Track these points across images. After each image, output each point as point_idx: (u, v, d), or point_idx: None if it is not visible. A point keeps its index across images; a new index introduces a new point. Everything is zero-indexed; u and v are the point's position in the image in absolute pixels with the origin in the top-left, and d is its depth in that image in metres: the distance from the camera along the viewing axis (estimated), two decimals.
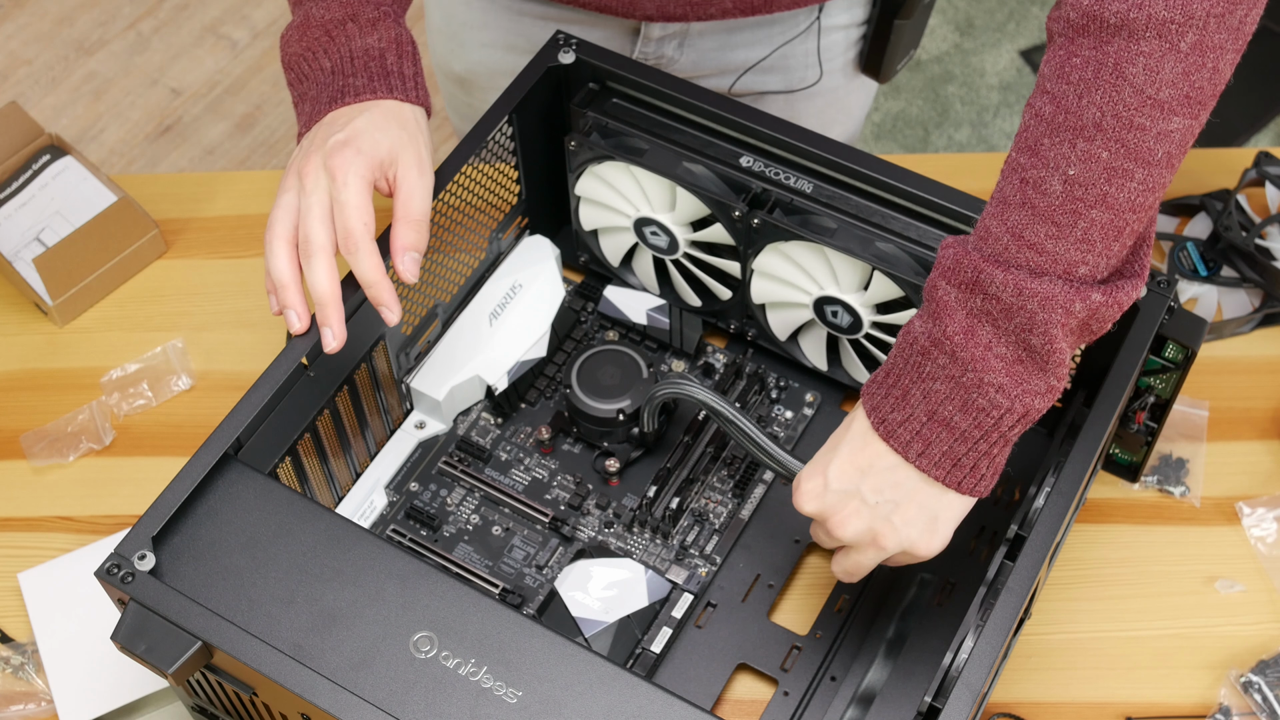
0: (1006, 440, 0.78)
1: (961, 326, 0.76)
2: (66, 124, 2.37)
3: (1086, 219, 0.74)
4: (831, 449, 0.82)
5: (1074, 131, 0.73)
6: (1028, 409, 0.76)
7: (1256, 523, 1.01)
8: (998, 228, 0.76)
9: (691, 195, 0.98)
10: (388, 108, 0.90)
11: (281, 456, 0.91)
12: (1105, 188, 0.73)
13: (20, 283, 1.15)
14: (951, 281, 0.76)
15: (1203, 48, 0.72)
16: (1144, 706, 0.94)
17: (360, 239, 0.86)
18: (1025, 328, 0.75)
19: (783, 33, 1.13)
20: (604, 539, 0.98)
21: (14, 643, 0.99)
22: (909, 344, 0.78)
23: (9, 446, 1.08)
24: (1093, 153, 0.73)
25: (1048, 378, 0.76)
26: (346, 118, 0.89)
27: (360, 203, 0.86)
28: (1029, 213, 0.75)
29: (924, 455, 0.78)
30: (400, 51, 0.92)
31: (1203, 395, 1.07)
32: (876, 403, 0.80)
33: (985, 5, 2.51)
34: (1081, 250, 0.74)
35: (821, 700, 0.90)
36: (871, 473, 0.79)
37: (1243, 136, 2.27)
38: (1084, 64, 0.73)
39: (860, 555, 0.82)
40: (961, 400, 0.76)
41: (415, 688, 0.77)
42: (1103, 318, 0.76)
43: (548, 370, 1.05)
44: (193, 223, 1.21)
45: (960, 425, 0.77)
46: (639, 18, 1.09)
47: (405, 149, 0.89)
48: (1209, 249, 1.14)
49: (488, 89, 1.21)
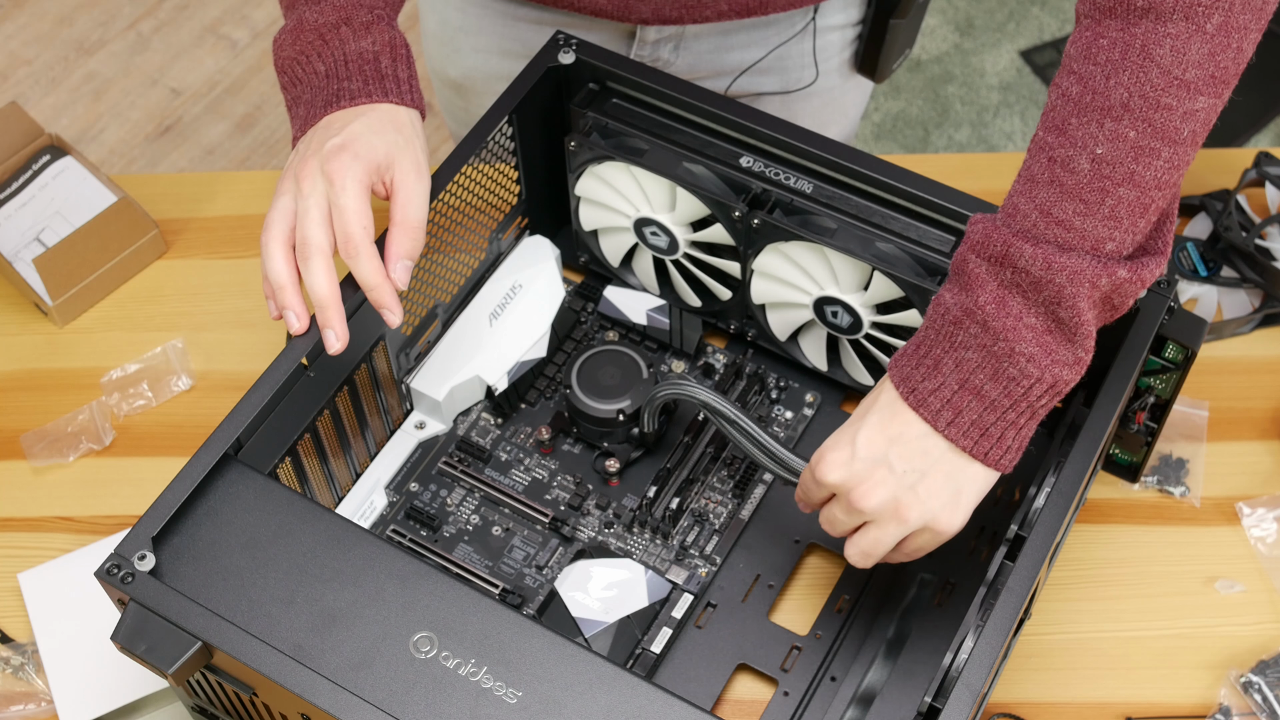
0: (1034, 411, 0.79)
1: (993, 297, 0.77)
2: (66, 124, 2.37)
3: (1114, 196, 0.75)
4: (858, 419, 0.82)
5: (1102, 111, 0.75)
6: (1056, 379, 0.78)
7: (1256, 523, 1.01)
8: (1026, 205, 0.77)
9: (691, 195, 0.98)
10: (383, 111, 0.90)
11: (281, 457, 0.91)
12: (1133, 166, 0.75)
13: (20, 283, 1.15)
14: (981, 255, 0.78)
15: (1228, 29, 0.73)
16: (1144, 706, 0.94)
17: (360, 243, 0.86)
18: (1054, 301, 0.76)
19: (778, 34, 1.13)
20: (604, 539, 0.98)
21: (14, 643, 0.99)
22: (940, 315, 0.79)
23: (9, 446, 1.08)
24: (1120, 132, 0.74)
25: (1075, 349, 0.78)
26: (342, 122, 0.88)
27: (359, 207, 0.86)
28: (1057, 190, 0.76)
29: (953, 424, 0.78)
30: (394, 55, 0.92)
31: (1203, 395, 1.07)
32: (907, 373, 0.80)
33: (985, 5, 2.51)
34: (1109, 227, 0.76)
35: (821, 700, 0.90)
36: (900, 441, 0.80)
37: (1243, 136, 2.27)
38: (1111, 45, 0.74)
39: (880, 530, 0.81)
40: (993, 369, 0.78)
41: (415, 688, 0.77)
42: (1126, 293, 0.78)
43: (548, 370, 1.05)
44: (193, 223, 1.21)
45: (990, 394, 0.78)
46: (634, 21, 1.09)
47: (402, 153, 0.89)
48: (1209, 249, 1.14)
49: (483, 94, 1.21)
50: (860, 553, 0.83)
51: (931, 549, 0.83)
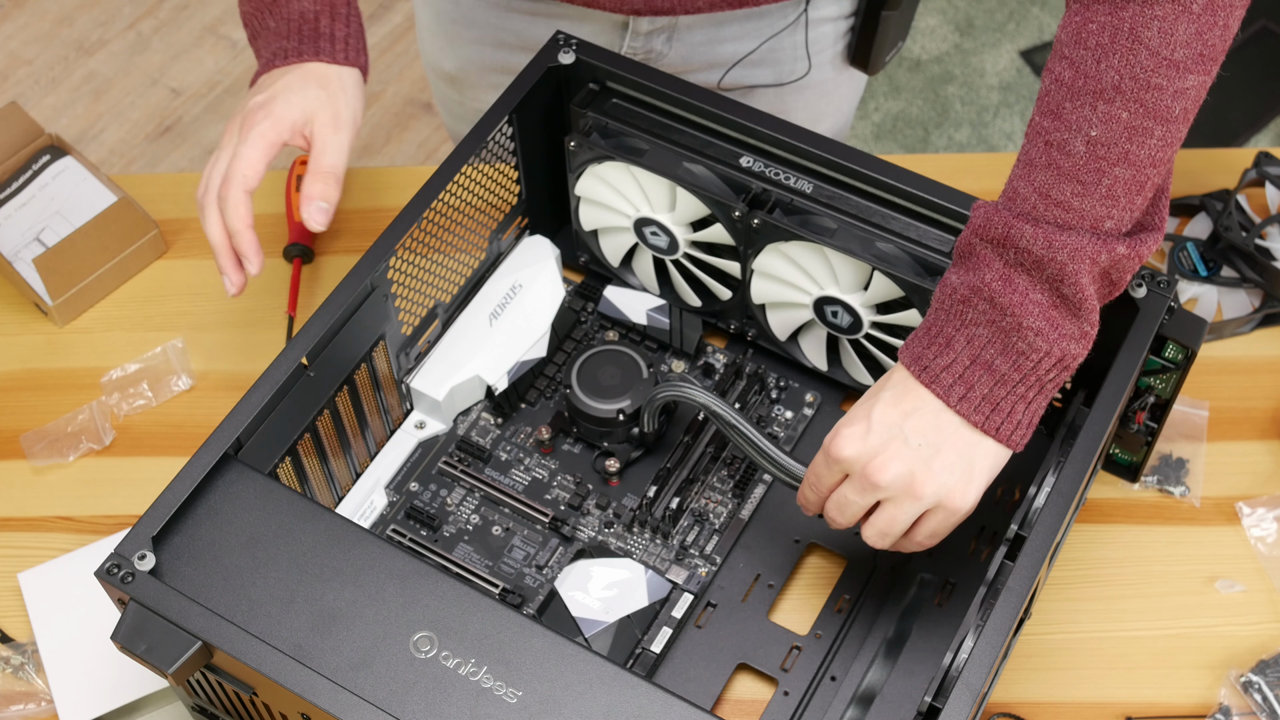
0: (1043, 386, 0.80)
1: (999, 275, 0.79)
2: (66, 124, 2.37)
3: (1110, 176, 0.77)
4: (871, 398, 0.82)
5: (1094, 95, 0.76)
6: (1064, 353, 0.79)
7: (1256, 523, 1.01)
8: (1025, 188, 0.79)
9: (691, 195, 0.98)
10: (310, 70, 0.96)
11: (281, 456, 0.91)
12: (1127, 146, 0.77)
13: (20, 283, 1.15)
14: (984, 238, 0.79)
15: (1214, 7, 0.75)
16: (1144, 706, 0.94)
17: (232, 188, 0.93)
18: (1057, 278, 0.78)
19: (770, 25, 1.13)
20: (604, 539, 0.98)
21: (14, 643, 0.99)
22: (948, 295, 0.81)
23: (9, 446, 1.08)
24: (1113, 114, 0.76)
25: (1080, 324, 0.79)
26: (271, 80, 0.96)
27: (250, 156, 0.93)
28: (1054, 173, 0.78)
29: (965, 399, 0.80)
30: (334, 14, 0.97)
31: (1203, 395, 1.07)
32: (918, 353, 0.81)
33: (985, 5, 2.51)
34: (1106, 205, 0.78)
35: (821, 700, 0.90)
36: (914, 415, 0.80)
37: (1243, 136, 2.27)
38: (1100, 29, 0.76)
39: (896, 507, 0.81)
40: (1002, 344, 0.79)
41: (415, 688, 0.77)
42: (1125, 268, 0.80)
43: (548, 370, 1.05)
44: (193, 223, 1.21)
45: (1001, 369, 0.79)
46: (627, 12, 1.10)
47: (321, 108, 0.95)
48: (1209, 249, 1.14)
49: (478, 86, 1.22)
50: (878, 532, 0.83)
51: (944, 533, 0.83)
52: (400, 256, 0.95)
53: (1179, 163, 1.17)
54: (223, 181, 0.93)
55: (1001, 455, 0.81)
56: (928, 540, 0.84)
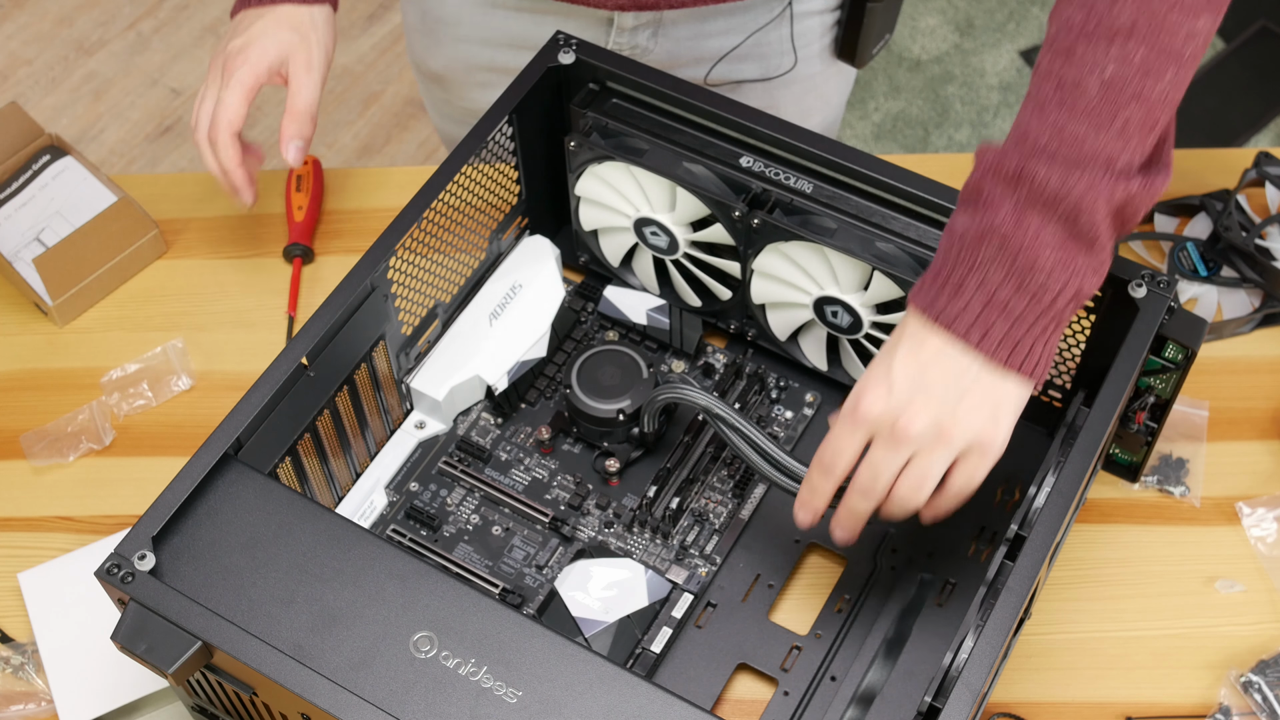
0: (1059, 320, 0.80)
1: (1010, 215, 0.79)
2: (66, 124, 2.37)
3: (1124, 114, 0.78)
4: (886, 355, 0.82)
5: (1108, 35, 0.78)
6: (1079, 288, 0.79)
7: (1256, 523, 1.01)
8: (1038, 126, 0.79)
9: (691, 195, 0.98)
10: (284, 13, 1.04)
11: (281, 456, 0.91)
12: (1141, 84, 0.78)
13: (20, 283, 1.15)
14: (996, 177, 0.80)
15: None
16: (1144, 706, 0.94)
17: (220, 132, 1.03)
18: (1071, 213, 0.78)
19: (755, 19, 1.13)
20: (604, 539, 0.98)
21: (14, 643, 0.99)
22: (955, 240, 0.81)
23: (9, 446, 1.08)
24: (1127, 53, 0.77)
25: (1093, 258, 0.80)
26: (247, 23, 1.05)
27: (233, 102, 1.02)
28: (1068, 111, 0.78)
29: (985, 339, 0.80)
30: None
31: (1203, 395, 1.07)
32: (930, 300, 0.81)
33: (985, 5, 2.51)
34: (1120, 143, 0.78)
35: (821, 700, 0.90)
36: (935, 363, 0.80)
37: (1243, 136, 2.27)
38: None
39: (928, 458, 0.81)
40: (1016, 283, 0.79)
41: (415, 688, 0.77)
42: (1138, 205, 0.80)
43: (548, 370, 1.05)
44: (193, 223, 1.21)
45: (1017, 308, 0.79)
46: (611, 7, 1.10)
47: (296, 51, 1.04)
48: (1209, 249, 1.14)
49: (465, 84, 1.22)
50: (912, 486, 0.82)
51: (978, 480, 0.82)
52: (400, 256, 0.95)
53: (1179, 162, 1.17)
54: (210, 125, 1.03)
55: (1024, 392, 0.81)
56: (963, 488, 0.82)
